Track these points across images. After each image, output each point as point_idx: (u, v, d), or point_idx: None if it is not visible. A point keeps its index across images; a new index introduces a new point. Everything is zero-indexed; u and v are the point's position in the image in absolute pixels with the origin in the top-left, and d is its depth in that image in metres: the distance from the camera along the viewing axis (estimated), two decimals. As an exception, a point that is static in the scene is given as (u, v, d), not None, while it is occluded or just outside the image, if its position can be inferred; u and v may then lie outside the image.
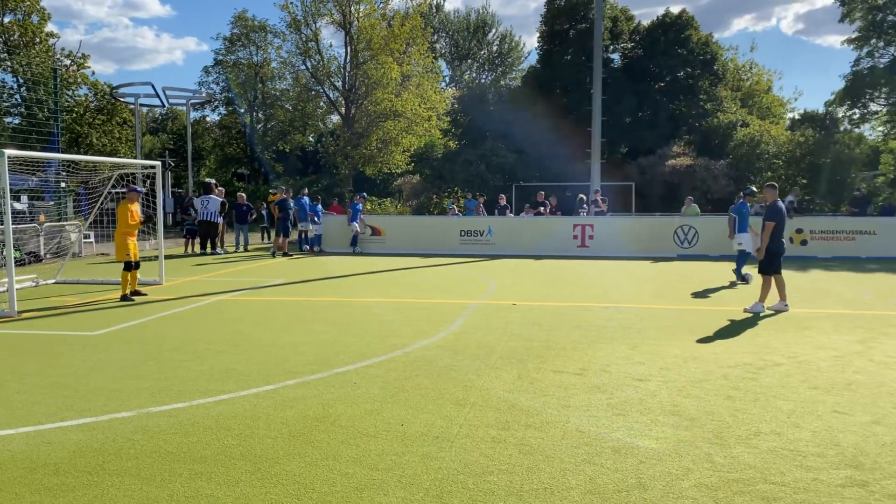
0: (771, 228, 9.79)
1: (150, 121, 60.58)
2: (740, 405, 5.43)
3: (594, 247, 19.49)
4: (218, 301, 11.04)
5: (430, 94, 37.56)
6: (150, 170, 14.60)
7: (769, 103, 47.87)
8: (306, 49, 37.06)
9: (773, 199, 10.03)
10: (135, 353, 7.30)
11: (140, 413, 5.29)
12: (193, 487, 3.97)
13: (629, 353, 7.21)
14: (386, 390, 5.87)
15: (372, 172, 37.26)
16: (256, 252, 20.53)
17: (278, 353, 7.24)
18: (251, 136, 43.99)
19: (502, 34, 59.36)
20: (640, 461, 4.33)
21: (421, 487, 3.95)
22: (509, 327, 8.64)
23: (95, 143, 38.43)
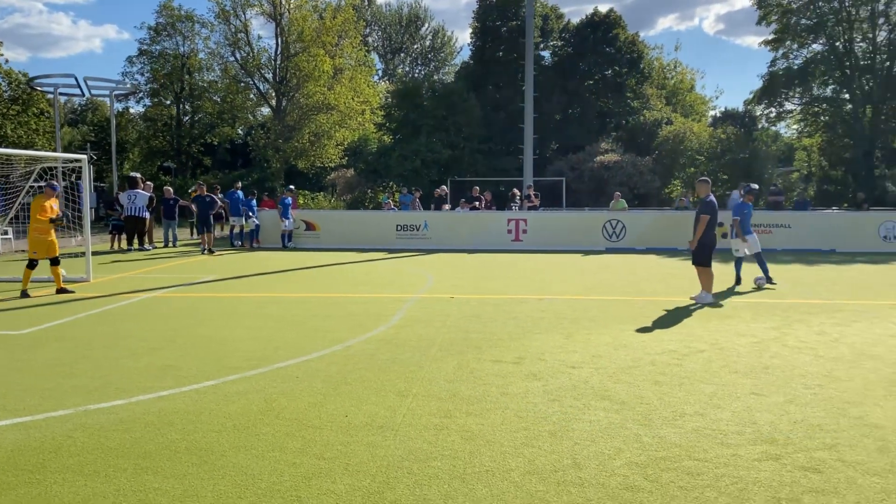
0: (706, 222, 10.27)
1: (69, 112, 58.14)
2: (666, 389, 5.76)
3: (528, 241, 19.91)
4: (150, 298, 10.82)
5: (364, 88, 37.43)
6: (74, 163, 14.13)
7: (692, 101, 49.68)
8: (235, 40, 36.33)
9: (707, 193, 10.53)
10: (66, 352, 7.13)
11: (78, 411, 5.22)
12: (140, 482, 3.98)
13: (563, 343, 7.49)
14: (328, 383, 5.95)
15: (304, 166, 36.85)
16: (186, 248, 20.09)
17: (217, 349, 7.21)
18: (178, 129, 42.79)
19: (435, 29, 59.62)
20: (574, 443, 4.57)
21: (367, 474, 4.08)
22: (448, 320, 8.82)
23: (10, 134, 36.62)
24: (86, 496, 3.81)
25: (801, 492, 3.85)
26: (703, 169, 35.60)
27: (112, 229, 20.57)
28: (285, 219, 20.11)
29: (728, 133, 36.58)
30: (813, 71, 35.99)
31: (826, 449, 4.47)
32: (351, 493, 3.83)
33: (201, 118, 43.58)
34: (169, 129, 43.48)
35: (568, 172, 34.88)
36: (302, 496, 3.80)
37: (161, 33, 41.56)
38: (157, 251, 19.31)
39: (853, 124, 35.13)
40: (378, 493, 3.83)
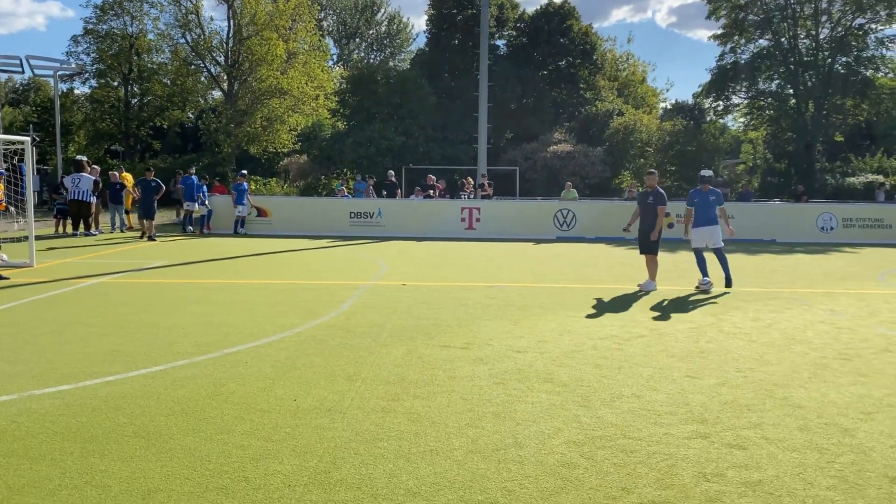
0: (664, 212, 10.63)
1: (10, 91, 56.13)
2: (606, 372, 5.99)
3: (481, 229, 20.13)
4: (97, 283, 10.66)
5: (318, 73, 37.06)
6: (17, 145, 13.75)
7: (643, 93, 50.57)
8: (186, 21, 35.56)
9: (655, 185, 10.88)
10: (9, 337, 7.02)
11: (22, 396, 5.19)
12: (86, 464, 4.01)
13: (511, 329, 7.69)
14: (277, 368, 6.02)
15: (256, 151, 36.37)
16: (133, 233, 19.73)
17: (165, 335, 7.19)
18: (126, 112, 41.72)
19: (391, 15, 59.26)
20: (516, 423, 4.75)
21: (314, 455, 4.19)
22: (399, 307, 8.94)
23: (-53, 113, 35.24)
24: (31, 479, 3.83)
25: (726, 467, 4.10)
26: (653, 160, 36.38)
27: (57, 213, 20.08)
28: (240, 204, 19.89)
29: (677, 125, 37.41)
30: (759, 66, 37.03)
31: (752, 427, 4.74)
32: (297, 473, 3.93)
33: (150, 101, 42.49)
34: (116, 112, 42.33)
35: (522, 162, 35.25)
36: (249, 476, 3.88)
37: (108, 12, 40.31)
38: (104, 236, 18.92)
39: (796, 118, 36.30)
40: (325, 473, 3.94)
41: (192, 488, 3.74)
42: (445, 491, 3.75)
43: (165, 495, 3.65)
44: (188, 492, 3.70)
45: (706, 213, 11.02)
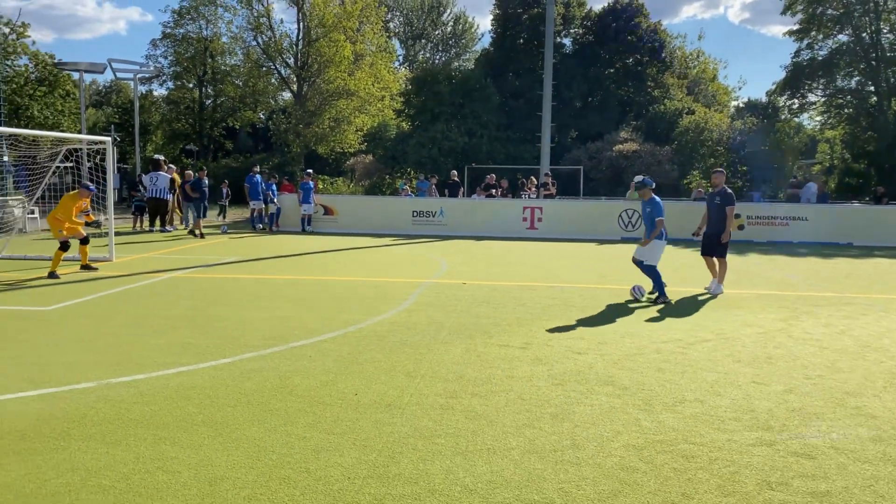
0: (733, 213, 10.27)
1: (94, 93, 58.82)
2: (669, 376, 5.89)
3: (543, 229, 20.00)
4: (171, 278, 11.10)
5: (384, 74, 37.51)
6: (99, 145, 14.42)
7: (714, 91, 49.21)
8: (258, 24, 36.52)
9: (723, 184, 10.51)
10: (90, 328, 7.40)
11: (100, 384, 5.46)
12: (158, 450, 4.21)
13: (571, 330, 7.63)
14: (340, 363, 6.15)
15: (324, 151, 37.10)
16: (207, 230, 20.41)
17: (234, 329, 7.44)
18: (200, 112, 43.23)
19: (456, 15, 59.43)
20: (575, 425, 4.73)
21: (374, 449, 4.27)
22: (459, 305, 9.00)
23: (37, 115, 37.23)
24: (107, 462, 4.04)
25: (791, 476, 3.98)
26: (723, 160, 35.38)
27: (135, 210, 20.97)
28: (306, 203, 20.34)
29: (749, 124, 36.27)
30: (838, 62, 35.54)
31: (820, 436, 4.59)
32: (357, 466, 4.02)
33: (223, 102, 43.94)
34: (191, 113, 43.92)
35: (586, 161, 34.84)
36: (311, 468, 4.00)
37: (185, 17, 41.88)
38: (179, 232, 19.64)
39: (878, 117, 34.67)
40: (383, 467, 4.02)
41: (256, 477, 3.87)
42: (502, 489, 3.77)
43: (231, 483, 3.80)
44: (252, 480, 3.83)
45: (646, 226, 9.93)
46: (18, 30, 38.95)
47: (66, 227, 11.24)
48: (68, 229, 11.27)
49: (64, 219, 11.25)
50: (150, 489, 3.71)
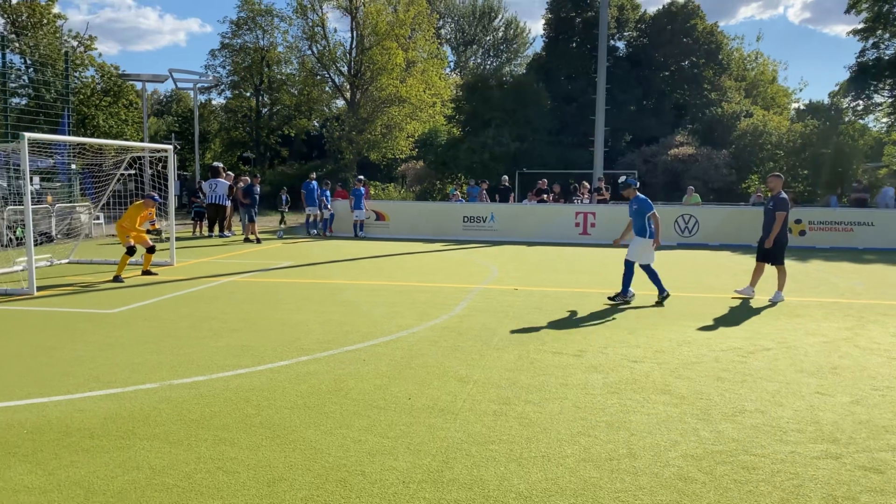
0: (783, 218, 10.03)
1: (155, 103, 60.73)
2: (728, 385, 5.75)
3: (596, 234, 19.78)
4: (229, 282, 11.37)
5: (435, 80, 37.77)
6: (160, 153, 14.89)
7: (774, 93, 47.92)
8: (312, 34, 37.24)
9: (780, 189, 10.25)
10: (153, 330, 7.64)
11: (163, 385, 5.63)
12: (218, 451, 4.31)
13: (626, 337, 7.53)
14: (393, 367, 6.20)
15: (376, 158, 37.54)
16: (263, 235, 20.83)
17: (290, 332, 7.58)
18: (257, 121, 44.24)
19: (508, 20, 59.40)
20: (631, 434, 4.65)
21: (428, 453, 4.29)
22: (511, 311, 8.96)
23: (102, 124, 38.66)
24: (170, 461, 4.15)
25: (859, 491, 3.84)
26: (783, 164, 34.40)
27: (194, 216, 21.56)
28: (357, 209, 20.59)
29: (810, 126, 35.19)
30: (906, 61, 34.17)
31: (890, 450, 4.41)
32: (412, 470, 4.04)
33: (279, 110, 44.85)
34: (248, 121, 44.96)
35: (640, 165, 34.34)
36: (366, 471, 4.03)
37: (242, 27, 42.93)
38: (236, 237, 20.10)
39: (948, 118, 33.21)
40: (437, 472, 4.03)
41: (312, 479, 3.93)
42: (556, 497, 3.74)
43: (288, 484, 3.86)
44: (309, 482, 3.89)
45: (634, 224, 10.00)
46: (86, 42, 40.59)
47: (132, 236, 11.65)
48: (135, 237, 11.68)
49: (129, 227, 11.66)
50: (210, 489, 3.80)
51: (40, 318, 8.40)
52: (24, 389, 5.50)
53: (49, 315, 8.62)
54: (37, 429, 4.65)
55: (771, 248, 10.11)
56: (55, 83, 32.28)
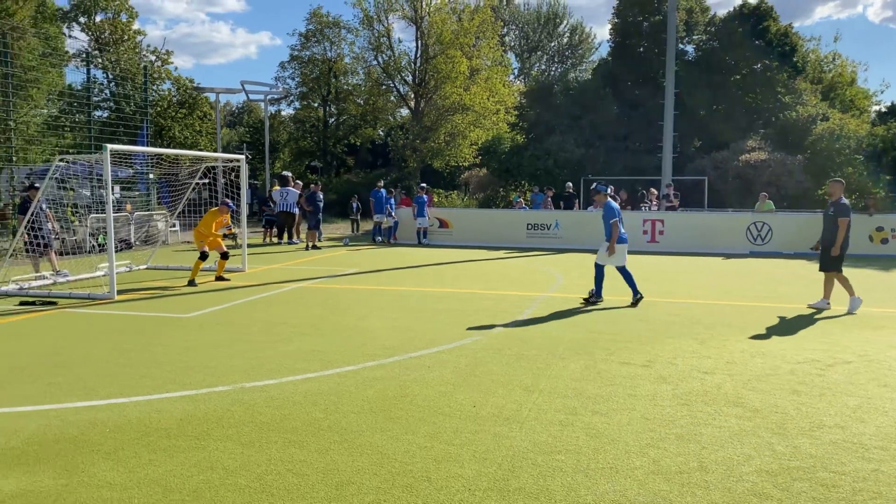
0: (847, 224, 9.69)
1: (228, 114, 62.73)
2: (805, 399, 5.53)
3: (664, 242, 19.37)
4: (297, 288, 11.63)
5: (499, 88, 37.73)
6: (233, 162, 15.37)
7: (853, 96, 45.91)
8: (378, 45, 37.77)
9: (841, 195, 9.94)
10: (226, 334, 7.88)
11: (235, 388, 5.80)
12: (288, 454, 4.41)
13: (696, 348, 7.34)
14: (458, 374, 6.21)
15: (439, 165, 37.75)
16: (330, 243, 21.23)
17: (357, 337, 7.69)
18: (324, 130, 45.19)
19: (573, 26, 58.91)
20: (702, 447, 4.53)
21: (493, 462, 4.28)
22: (577, 320, 8.86)
23: (178, 135, 40.19)
24: (242, 462, 4.27)
25: (950, 514, 3.64)
26: (863, 169, 32.92)
27: (265, 223, 22.17)
28: (420, 216, 20.75)
29: (893, 129, 33.56)
30: None
31: (984, 472, 4.16)
32: (477, 478, 4.04)
33: (345, 120, 45.70)
34: (316, 131, 45.96)
35: (710, 171, 33.41)
36: (432, 477, 4.06)
37: (310, 39, 43.96)
38: (303, 244, 20.53)
39: None
40: (503, 481, 4.01)
41: (379, 483, 3.97)
42: (625, 510, 3.67)
43: (356, 488, 3.92)
44: (376, 487, 3.93)
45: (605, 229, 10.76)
46: (163, 57, 42.33)
47: (208, 241, 12.10)
48: (210, 243, 12.13)
49: (206, 233, 12.11)
50: (281, 490, 3.89)
51: (120, 322, 8.78)
52: (105, 389, 5.76)
53: (128, 319, 9.00)
54: (118, 428, 4.86)
55: (834, 255, 9.75)
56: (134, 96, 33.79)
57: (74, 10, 41.21)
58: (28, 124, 26.36)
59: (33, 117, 28.33)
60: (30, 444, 4.55)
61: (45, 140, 26.76)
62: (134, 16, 41.94)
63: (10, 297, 10.63)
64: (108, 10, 40.99)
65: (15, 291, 10.92)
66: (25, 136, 24.95)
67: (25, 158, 23.08)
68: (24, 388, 5.82)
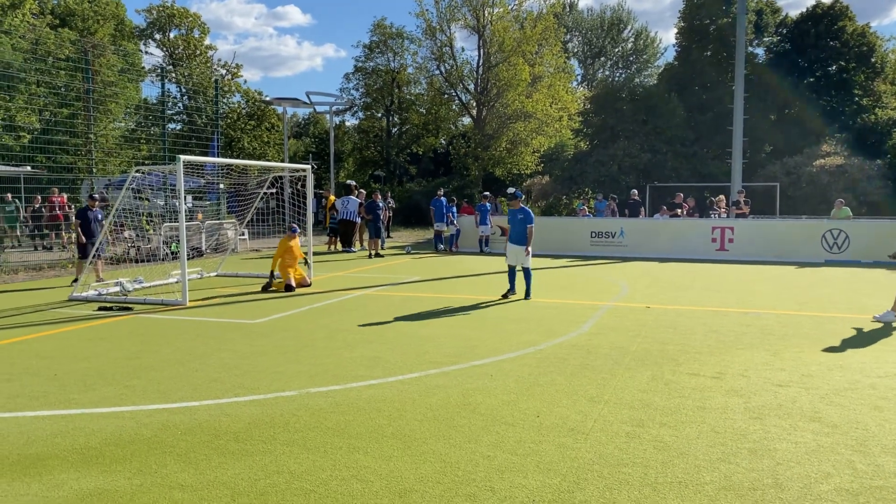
0: None
1: (295, 125, 64.19)
2: (888, 416, 5.26)
3: (734, 250, 18.80)
4: (361, 295, 11.77)
5: (562, 95, 37.44)
6: (299, 172, 15.70)
7: (937, 97, 43.66)
8: (440, 54, 38.03)
9: None
10: (292, 340, 8.03)
11: (301, 393, 5.90)
12: (352, 459, 4.45)
13: (769, 360, 7.08)
14: (521, 384, 6.16)
15: (501, 173, 37.67)
16: (392, 251, 21.43)
17: (419, 345, 7.72)
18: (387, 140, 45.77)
19: (637, 31, 58.04)
20: (776, 463, 4.35)
21: (558, 473, 4.21)
22: (643, 330, 8.68)
23: (246, 146, 41.38)
24: (308, 467, 4.33)
25: None
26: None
27: (330, 232, 22.54)
28: (483, 224, 20.73)
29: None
30: None
31: None
32: (542, 490, 3.98)
33: (408, 129, 46.18)
34: (379, 140, 46.59)
35: (782, 177, 32.29)
36: (495, 487, 4.02)
37: (374, 51, 44.66)
38: (364, 252, 20.79)
39: None
40: (568, 493, 3.95)
41: (442, 492, 3.96)
42: (695, 526, 3.56)
43: (419, 496, 3.92)
44: (439, 495, 3.92)
45: (513, 230, 11.67)
46: (233, 70, 43.72)
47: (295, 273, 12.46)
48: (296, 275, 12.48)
49: (291, 262, 12.44)
50: (345, 496, 3.92)
51: (192, 327, 9.05)
52: (178, 393, 5.94)
53: (200, 324, 9.28)
54: (189, 430, 5.00)
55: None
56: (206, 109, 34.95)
57: (150, 28, 43.03)
58: (107, 137, 27.58)
59: (112, 130, 29.65)
60: (107, 445, 4.72)
61: (122, 152, 27.94)
62: (206, 31, 43.53)
63: (89, 302, 11.11)
64: (181, 26, 42.64)
65: (94, 297, 11.42)
66: (104, 149, 26.12)
67: (104, 170, 24.15)
68: (103, 390, 6.06)
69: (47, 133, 24.49)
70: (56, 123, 25.13)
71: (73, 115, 23.16)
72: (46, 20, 36.53)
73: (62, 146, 23.31)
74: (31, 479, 4.19)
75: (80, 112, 21.50)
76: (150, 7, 42.54)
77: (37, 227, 20.49)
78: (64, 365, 6.95)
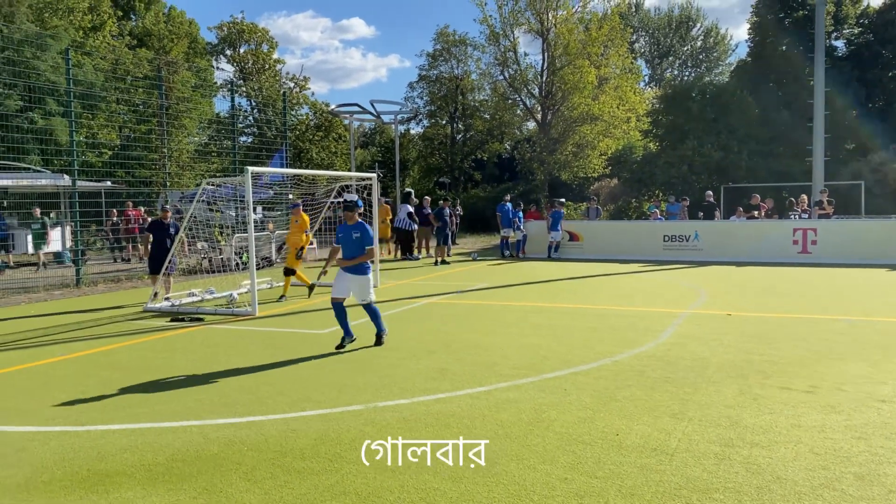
0: None
1: (361, 135, 65.04)
2: None
3: (818, 253, 17.83)
4: (427, 304, 11.60)
5: (629, 96, 36.62)
6: (366, 181, 15.70)
7: None
8: (504, 59, 37.78)
9: None
10: (358, 352, 7.90)
11: (368, 407, 5.73)
12: (421, 480, 4.23)
13: (869, 372, 6.52)
14: (597, 398, 5.83)
15: (567, 177, 37.07)
16: (458, 258, 21.24)
17: (487, 356, 7.47)
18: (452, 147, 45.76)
19: (707, 28, 56.41)
20: (889, 490, 3.92)
21: (642, 499, 3.89)
22: (726, 339, 8.19)
23: (315, 157, 42.05)
24: (374, 488, 4.14)
25: None
26: None
27: (396, 240, 22.55)
28: (554, 230, 20.35)
29: None
30: None
31: None
32: (624, 517, 3.68)
33: (472, 135, 46.08)
34: (444, 147, 46.63)
35: (867, 175, 30.60)
36: (574, 514, 3.74)
37: (437, 59, 44.77)
38: (430, 260, 20.67)
39: None
40: (654, 521, 3.63)
41: (517, 518, 3.70)
42: (801, 565, 3.19)
43: (492, 522, 3.67)
44: (513, 521, 3.66)
45: (346, 252, 8.03)
46: (301, 83, 44.57)
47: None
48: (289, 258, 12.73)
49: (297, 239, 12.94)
50: (414, 520, 3.71)
51: (261, 338, 9.06)
52: (245, 406, 5.86)
53: (268, 335, 9.28)
54: (255, 446, 4.89)
55: None
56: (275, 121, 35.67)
57: (221, 44, 44.33)
58: (181, 151, 28.44)
59: (186, 145, 30.56)
60: (174, 461, 4.65)
61: (196, 165, 28.76)
62: (274, 46, 44.59)
63: (163, 313, 11.32)
64: (250, 41, 43.78)
65: (168, 308, 11.63)
66: (179, 163, 26.94)
67: (179, 183, 24.89)
68: (172, 403, 6.04)
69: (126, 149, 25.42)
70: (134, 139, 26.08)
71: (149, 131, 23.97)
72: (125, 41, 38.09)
73: (139, 161, 24.14)
74: (99, 496, 4.15)
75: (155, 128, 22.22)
76: (221, 24, 43.90)
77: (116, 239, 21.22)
78: (135, 376, 7.00)
